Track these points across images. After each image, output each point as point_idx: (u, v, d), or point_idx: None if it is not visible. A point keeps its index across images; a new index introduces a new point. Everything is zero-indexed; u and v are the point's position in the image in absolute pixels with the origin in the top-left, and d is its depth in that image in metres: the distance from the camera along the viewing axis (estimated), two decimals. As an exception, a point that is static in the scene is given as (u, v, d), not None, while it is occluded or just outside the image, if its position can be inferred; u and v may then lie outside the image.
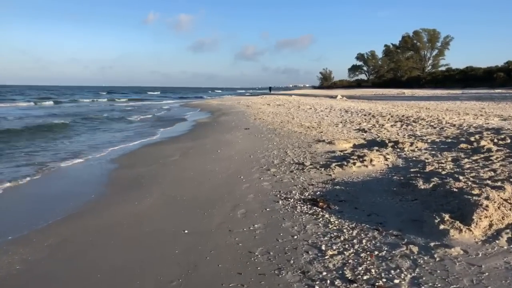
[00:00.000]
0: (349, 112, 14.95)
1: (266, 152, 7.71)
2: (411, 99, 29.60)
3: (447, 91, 41.55)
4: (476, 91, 39.25)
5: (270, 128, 11.61)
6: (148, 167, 6.98)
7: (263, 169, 6.17)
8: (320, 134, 9.73)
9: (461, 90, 42.49)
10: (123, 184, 5.88)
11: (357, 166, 5.81)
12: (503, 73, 52.78)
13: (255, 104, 24.94)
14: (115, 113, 23.65)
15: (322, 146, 8.00)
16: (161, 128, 14.60)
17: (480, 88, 46.11)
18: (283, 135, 9.89)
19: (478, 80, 54.99)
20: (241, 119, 15.20)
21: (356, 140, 8.55)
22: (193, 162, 7.24)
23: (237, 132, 11.11)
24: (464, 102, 22.27)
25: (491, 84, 48.93)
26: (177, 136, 11.77)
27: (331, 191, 4.73)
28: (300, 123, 12.35)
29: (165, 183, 5.74)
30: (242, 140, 9.51)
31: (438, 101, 25.00)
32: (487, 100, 23.86)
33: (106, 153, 8.90)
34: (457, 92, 39.72)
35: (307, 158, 6.83)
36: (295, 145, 8.33)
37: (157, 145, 10.00)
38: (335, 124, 11.75)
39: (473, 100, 23.75)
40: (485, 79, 53.83)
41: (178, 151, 8.48)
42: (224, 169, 6.38)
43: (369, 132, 9.87)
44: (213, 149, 8.47)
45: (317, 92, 61.75)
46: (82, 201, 5.08)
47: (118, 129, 14.81)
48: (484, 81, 52.60)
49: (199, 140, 10.15)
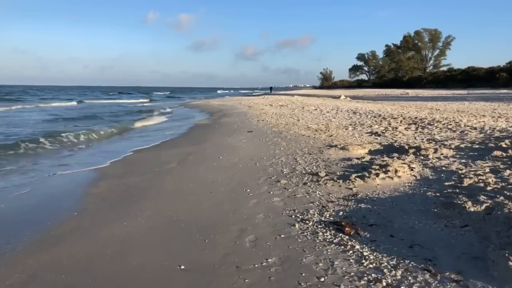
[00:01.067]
0: (357, 114, 14.18)
1: (273, 159, 6.95)
2: (417, 99, 28.86)
3: (451, 92, 40.78)
4: (481, 91, 38.47)
5: (275, 130, 10.85)
6: (142, 176, 6.22)
7: (271, 180, 5.41)
8: (330, 138, 8.97)
9: (466, 90, 41.71)
10: (112, 198, 5.12)
11: (381, 178, 5.05)
12: (506, 73, 52.02)
13: (257, 104, 24.18)
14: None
15: (335, 152, 7.24)
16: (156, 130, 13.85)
17: (482, 88, 45.37)
18: (290, 139, 9.13)
19: (480, 80, 54.25)
20: (243, 120, 14.44)
21: (371, 145, 7.79)
22: (192, 170, 6.48)
23: (240, 135, 10.35)
24: (472, 103, 21.52)
25: (494, 84, 48.17)
26: (175, 139, 11.01)
27: (356, 211, 3.97)
28: (307, 126, 11.59)
29: (160, 197, 4.98)
30: (245, 145, 8.75)
31: (445, 101, 24.26)
32: (495, 100, 23.13)
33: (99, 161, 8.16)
34: (462, 92, 38.96)
35: (321, 167, 6.06)
36: (305, 150, 7.57)
37: (153, 149, 9.24)
38: (344, 127, 10.99)
39: (481, 101, 23.00)
40: (488, 79, 53.08)
41: (176, 157, 7.72)
42: (227, 180, 5.62)
43: (383, 136, 9.11)
44: (214, 155, 7.72)
45: (319, 92, 60.98)
46: (61, 220, 4.32)
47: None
48: (486, 81, 51.85)
49: (199, 144, 9.38)
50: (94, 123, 16.97)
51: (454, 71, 68.12)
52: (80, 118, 19.84)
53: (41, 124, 16.43)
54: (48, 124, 16.42)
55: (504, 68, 54.89)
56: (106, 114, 23.27)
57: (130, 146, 9.90)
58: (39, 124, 16.11)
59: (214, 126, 13.59)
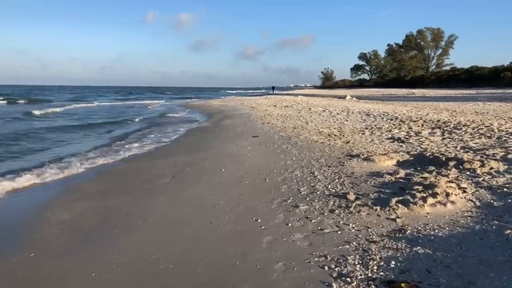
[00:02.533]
0: (371, 116, 13.05)
1: (286, 172, 5.84)
2: (425, 99, 27.71)
3: (459, 91, 39.59)
4: (490, 91, 37.30)
5: (283, 135, 9.73)
6: (128, 196, 5.11)
7: (288, 205, 4.30)
8: (347, 145, 7.85)
9: (474, 90, 40.51)
10: (85, 229, 4.01)
11: (430, 205, 3.93)
12: (511, 72, 50.73)
13: (260, 105, 23.05)
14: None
15: (358, 164, 6.12)
16: (152, 134, 12.74)
17: (487, 88, 44.23)
18: (301, 146, 8.01)
19: (484, 79, 52.97)
20: (246, 123, 13.32)
21: (398, 154, 6.67)
22: (188, 188, 5.36)
23: (244, 141, 9.24)
24: (486, 103, 20.37)
25: (498, 84, 46.89)
26: (172, 146, 9.90)
27: (413, 260, 2.85)
28: (318, 129, 10.47)
29: (146, 229, 3.87)
30: (251, 153, 7.64)
31: (456, 102, 23.11)
32: (509, 100, 22.01)
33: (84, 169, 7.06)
34: (470, 92, 37.75)
35: (346, 185, 4.95)
36: (322, 162, 6.45)
37: (145, 158, 8.12)
38: (360, 131, 9.86)
39: (495, 101, 21.86)
40: (492, 78, 51.79)
41: (170, 169, 6.61)
42: (232, 203, 4.51)
43: (408, 142, 7.99)
44: (216, 166, 6.60)
45: (322, 92, 59.79)
46: (9, 265, 3.21)
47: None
48: (490, 81, 50.57)
49: (198, 152, 8.27)
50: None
51: (457, 70, 66.76)
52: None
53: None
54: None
55: (508, 67, 53.61)
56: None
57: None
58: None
59: (215, 129, 12.47)
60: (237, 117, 16.36)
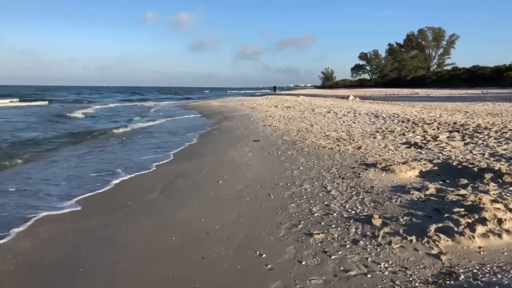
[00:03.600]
0: (380, 118, 12.21)
1: (293, 186, 5.03)
2: (431, 99, 26.90)
3: (464, 91, 38.77)
4: (495, 90, 36.50)
5: (286, 139, 8.92)
6: (108, 217, 4.30)
7: (298, 232, 3.49)
8: (359, 152, 7.04)
9: (479, 90, 39.68)
10: (44, 266, 3.19)
11: (480, 235, 3.11)
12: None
13: (261, 106, 22.23)
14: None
15: (376, 176, 5.31)
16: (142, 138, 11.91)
17: (489, 87, 43.45)
18: (308, 153, 7.20)
19: (486, 79, 52.13)
20: (247, 125, 12.50)
21: (419, 163, 5.85)
22: (179, 206, 4.55)
23: (244, 146, 8.43)
24: (496, 104, 19.55)
25: (501, 84, 46.02)
26: (164, 152, 9.08)
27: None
28: (324, 133, 9.65)
29: (120, 269, 3.05)
30: (252, 161, 6.83)
31: (463, 102, 22.29)
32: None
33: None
34: (475, 92, 36.92)
35: (367, 203, 4.13)
36: (334, 172, 5.64)
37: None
38: (371, 135, 9.05)
39: (504, 101, 21.06)
40: (494, 78, 50.93)
41: (161, 181, 5.80)
42: (230, 228, 3.70)
43: (426, 148, 7.17)
44: (212, 177, 5.79)
45: (323, 92, 58.89)
46: None
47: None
48: (492, 81, 49.69)
49: (193, 159, 7.45)
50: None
51: (459, 70, 65.85)
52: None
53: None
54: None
55: (511, 67, 52.77)
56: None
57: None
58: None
59: (213, 133, 11.65)
60: (237, 118, 15.55)
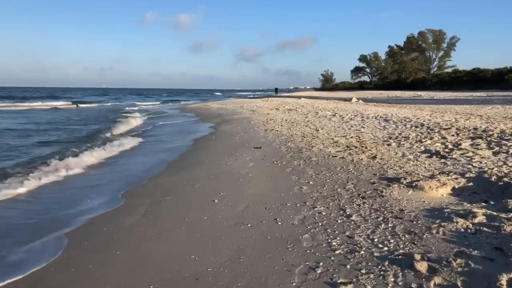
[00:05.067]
0: (391, 122, 11.32)
1: (304, 207, 4.15)
2: (436, 102, 26.03)
3: (469, 93, 37.96)
4: (500, 93, 35.63)
5: (291, 146, 8.04)
6: (72, 251, 3.41)
7: (316, 280, 2.60)
8: (376, 162, 6.16)
9: (484, 92, 38.88)
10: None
11: None
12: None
13: (261, 108, 21.35)
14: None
15: (402, 194, 4.43)
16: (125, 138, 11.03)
17: (491, 90, 42.70)
18: (317, 163, 6.32)
19: (487, 82, 51.34)
20: (247, 130, 11.62)
21: (450, 178, 4.97)
22: (163, 236, 3.66)
23: (244, 154, 7.55)
24: (506, 107, 18.68)
25: (502, 86, 45.24)
26: (155, 160, 8.19)
27: None
28: (332, 139, 8.78)
29: None
30: (254, 173, 5.95)
31: (470, 105, 21.35)
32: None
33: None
34: (480, 94, 36.09)
35: (401, 235, 3.25)
36: (350, 188, 4.76)
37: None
38: (384, 142, 8.17)
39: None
40: (495, 80, 50.11)
41: (146, 198, 4.91)
42: (226, 272, 2.81)
43: (451, 158, 6.30)
44: (206, 194, 4.90)
45: (325, 94, 58.01)
46: None
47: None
48: (494, 83, 48.88)
49: (186, 171, 6.56)
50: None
51: (460, 72, 65.05)
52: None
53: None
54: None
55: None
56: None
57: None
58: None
59: (210, 138, 10.76)
60: (236, 122, 14.67)
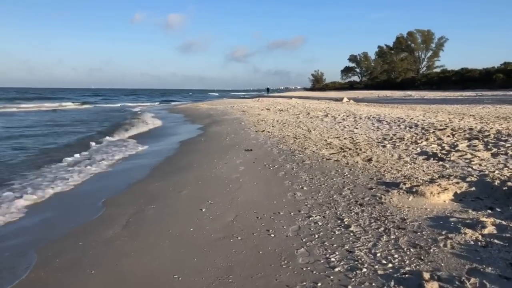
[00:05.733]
0: (384, 122, 11.11)
1: (298, 216, 3.85)
2: (426, 102, 26.03)
3: (458, 93, 38.21)
4: (490, 93, 35.97)
5: (283, 149, 7.75)
6: (41, 270, 3.06)
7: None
8: (372, 165, 5.90)
9: (474, 92, 39.16)
10: None
11: None
12: (502, 74, 49.65)
13: (252, 108, 21.03)
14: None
15: (402, 200, 4.17)
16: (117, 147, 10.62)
17: (479, 89, 43.18)
18: (311, 166, 6.04)
19: (475, 81, 51.98)
20: (237, 131, 11.29)
21: (451, 182, 4.73)
22: (144, 250, 3.32)
23: (235, 157, 7.23)
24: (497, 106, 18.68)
25: (490, 86, 45.79)
26: (140, 163, 7.82)
27: None
28: (325, 140, 8.51)
29: None
30: (244, 178, 5.63)
31: (460, 104, 21.33)
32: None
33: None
34: (470, 94, 36.32)
35: (405, 249, 2.97)
36: (347, 194, 4.48)
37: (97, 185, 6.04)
38: (378, 143, 7.93)
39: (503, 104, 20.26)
40: (483, 80, 50.76)
41: (128, 207, 4.56)
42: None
43: (449, 160, 6.07)
44: (193, 202, 4.57)
45: (315, 94, 57.97)
46: None
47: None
48: (482, 83, 49.50)
49: (173, 175, 6.21)
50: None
51: (448, 72, 65.77)
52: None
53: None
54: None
55: (500, 69, 52.71)
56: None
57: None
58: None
59: (199, 140, 10.40)
60: (226, 123, 14.33)
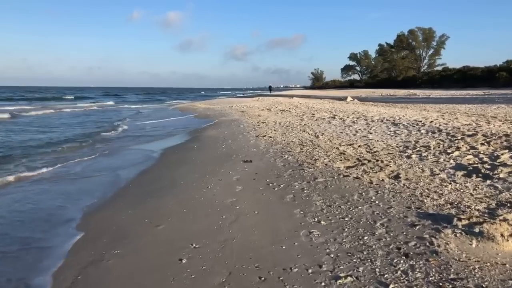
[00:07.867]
0: (401, 126, 9.84)
1: (319, 277, 2.64)
2: (433, 101, 24.77)
3: (465, 91, 37.00)
4: (499, 91, 34.71)
5: (289, 159, 6.52)
6: None
7: None
8: (401, 185, 4.68)
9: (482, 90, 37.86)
10: None
11: None
12: (506, 72, 48.49)
13: (252, 109, 19.78)
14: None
15: (463, 248, 2.95)
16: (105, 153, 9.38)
17: (481, 88, 41.98)
18: (325, 186, 4.81)
19: (477, 80, 50.88)
20: (235, 136, 10.06)
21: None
22: None
23: (231, 171, 6.00)
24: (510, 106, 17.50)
25: (493, 84, 44.64)
26: (113, 180, 6.57)
27: None
28: (337, 148, 7.29)
29: None
30: (242, 204, 4.40)
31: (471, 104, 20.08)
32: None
33: None
34: (477, 92, 35.07)
35: None
36: (381, 234, 3.26)
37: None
38: (401, 152, 6.70)
39: (519, 103, 19.04)
40: (486, 78, 49.61)
41: (81, 253, 3.33)
42: None
43: (497, 178, 4.84)
44: (171, 248, 3.34)
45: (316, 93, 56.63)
46: None
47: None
48: (484, 81, 48.35)
49: (150, 199, 4.97)
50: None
51: (450, 70, 64.58)
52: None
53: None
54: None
55: (503, 68, 51.60)
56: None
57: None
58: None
59: (192, 146, 9.15)
60: (223, 125, 13.09)
